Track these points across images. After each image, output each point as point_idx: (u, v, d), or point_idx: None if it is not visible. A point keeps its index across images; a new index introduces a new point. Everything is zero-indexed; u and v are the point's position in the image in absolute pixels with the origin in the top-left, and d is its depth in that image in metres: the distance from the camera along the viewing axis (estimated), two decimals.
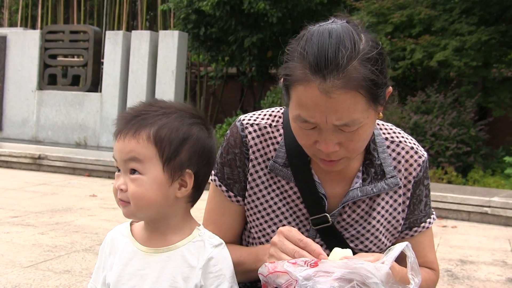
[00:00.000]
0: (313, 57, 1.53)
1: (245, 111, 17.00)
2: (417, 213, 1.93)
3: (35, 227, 5.69)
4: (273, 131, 1.90)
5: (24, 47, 16.33)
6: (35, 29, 20.31)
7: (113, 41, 15.39)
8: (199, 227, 1.62)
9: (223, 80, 19.31)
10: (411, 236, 1.94)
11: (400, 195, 1.88)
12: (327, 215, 1.83)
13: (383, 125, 1.95)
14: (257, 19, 15.24)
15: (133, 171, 1.51)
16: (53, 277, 4.00)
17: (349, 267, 1.48)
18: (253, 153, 1.90)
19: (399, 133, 1.94)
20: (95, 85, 15.90)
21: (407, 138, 1.93)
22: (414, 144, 1.92)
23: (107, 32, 16.06)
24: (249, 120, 1.93)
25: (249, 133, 1.90)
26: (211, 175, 1.94)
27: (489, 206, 7.85)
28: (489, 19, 13.30)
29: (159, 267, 1.56)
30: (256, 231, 1.93)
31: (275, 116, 1.93)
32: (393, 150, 1.88)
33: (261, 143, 1.90)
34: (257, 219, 1.92)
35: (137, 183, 1.51)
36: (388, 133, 1.92)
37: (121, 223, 1.72)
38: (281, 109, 1.95)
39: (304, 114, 1.59)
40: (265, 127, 1.91)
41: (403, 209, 1.90)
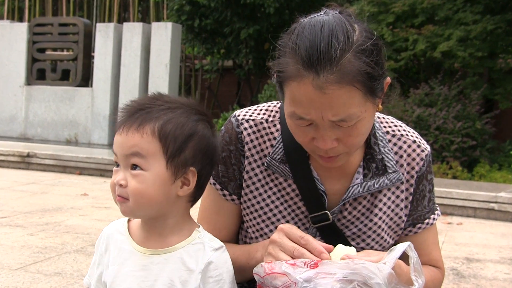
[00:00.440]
0: (305, 51, 1.52)
1: (241, 106, 17.01)
2: (420, 209, 1.92)
3: (24, 227, 5.68)
4: (269, 127, 1.89)
5: (11, 40, 16.29)
6: (22, 21, 20.26)
7: (104, 34, 15.36)
8: (198, 228, 1.61)
9: (219, 73, 19.31)
10: (414, 233, 1.94)
11: (403, 191, 1.88)
12: (327, 212, 1.83)
13: (383, 118, 1.94)
14: (254, 9, 15.25)
15: (134, 167, 1.49)
16: (43, 279, 3.99)
17: (350, 267, 1.47)
18: (249, 150, 1.89)
19: (400, 126, 1.93)
20: (85, 80, 15.87)
21: (409, 132, 1.93)
22: (416, 137, 1.92)
23: (97, 24, 16.04)
24: (245, 115, 1.92)
25: (245, 129, 1.89)
26: None
27: (495, 202, 7.85)
28: (495, 7, 13.29)
29: (156, 269, 1.55)
30: (253, 231, 1.93)
31: (271, 111, 1.93)
32: (394, 144, 1.88)
33: (257, 139, 1.89)
34: (254, 218, 1.91)
35: (138, 179, 1.49)
36: (389, 127, 1.91)
37: (114, 221, 1.71)
38: (277, 103, 1.94)
39: (299, 111, 1.59)
40: (261, 123, 1.90)
41: (406, 205, 1.89)
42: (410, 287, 1.54)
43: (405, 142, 1.89)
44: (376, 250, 1.85)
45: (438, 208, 2.01)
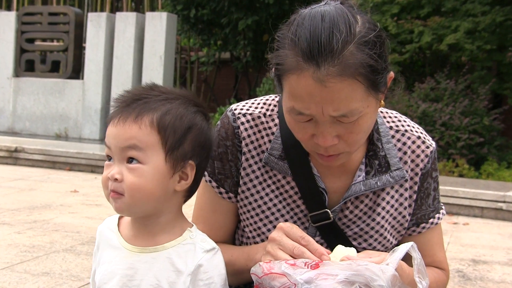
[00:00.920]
0: (305, 43, 1.52)
1: (239, 100, 17.00)
2: (424, 208, 1.92)
3: (11, 225, 5.68)
4: (267, 121, 1.89)
5: None
6: (10, 10, 20.22)
7: (95, 24, 15.33)
8: (191, 228, 1.60)
9: (216, 66, 19.29)
10: (418, 233, 1.94)
11: (407, 189, 1.88)
12: (328, 211, 1.83)
13: (387, 113, 1.94)
14: None
15: (131, 160, 1.48)
16: (31, 279, 3.99)
17: (353, 269, 1.47)
18: (246, 145, 1.89)
19: (404, 121, 1.93)
20: (76, 72, 15.85)
21: (413, 127, 1.92)
22: (421, 133, 1.92)
23: (89, 14, 16.01)
24: (242, 109, 1.92)
25: (242, 123, 1.89)
26: None
27: (504, 202, 7.86)
28: None
29: (143, 268, 1.54)
30: (250, 230, 1.93)
31: (269, 104, 1.92)
32: (398, 140, 1.88)
33: (254, 134, 1.89)
34: (251, 217, 1.91)
35: (136, 172, 1.47)
36: (393, 122, 1.91)
37: (105, 219, 1.70)
38: (276, 96, 1.94)
39: (298, 105, 1.58)
40: (259, 117, 1.90)
41: (409, 204, 1.90)
42: None
43: (409, 138, 1.89)
44: (378, 250, 1.85)
45: (443, 207, 2.01)
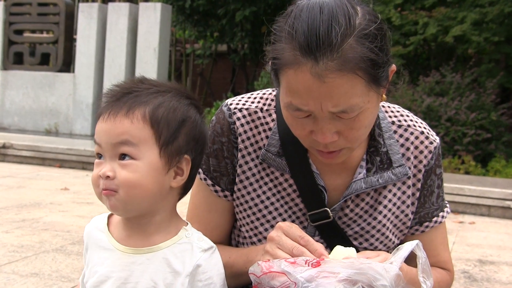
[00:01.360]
0: (303, 36, 1.51)
1: (236, 94, 16.98)
2: (428, 206, 1.92)
3: None
4: (264, 116, 1.89)
5: None
6: None
7: (87, 14, 15.31)
8: (186, 226, 1.60)
9: (212, 58, 19.28)
10: (421, 232, 1.94)
11: (409, 186, 1.88)
12: (328, 209, 1.83)
13: (389, 107, 1.94)
14: None
15: (123, 156, 1.47)
16: (19, 280, 3.99)
17: (355, 267, 1.48)
18: (243, 141, 1.89)
19: (407, 116, 1.93)
20: (67, 65, 15.83)
21: (416, 122, 1.92)
22: (424, 128, 1.92)
23: (80, 4, 16.00)
24: (238, 104, 1.92)
25: (238, 119, 1.89)
26: None
27: None
28: None
29: (138, 270, 1.53)
30: (247, 230, 1.93)
31: (266, 99, 1.92)
32: (400, 136, 1.88)
33: (251, 130, 1.89)
34: (248, 216, 1.91)
35: (130, 168, 1.46)
36: (395, 116, 1.91)
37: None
38: (273, 90, 1.94)
39: (296, 101, 1.58)
40: (255, 112, 1.90)
41: (412, 202, 1.90)
42: None
43: (412, 134, 1.89)
44: (380, 250, 1.85)
45: (448, 205, 2.01)
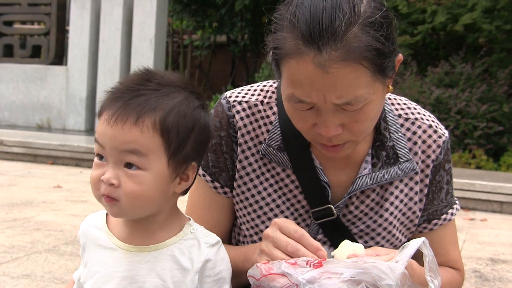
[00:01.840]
0: (305, 25, 1.51)
1: (236, 86, 16.95)
2: (437, 203, 1.92)
3: None
4: (265, 109, 1.89)
5: None
6: None
7: (80, 4, 15.30)
8: (190, 222, 1.60)
9: (211, 50, 19.29)
10: (430, 230, 1.94)
11: (417, 182, 1.88)
12: (331, 206, 1.83)
13: (395, 99, 1.94)
14: None
15: (130, 165, 1.45)
16: (10, 282, 3.99)
17: (359, 266, 1.47)
18: (242, 135, 1.89)
19: (414, 108, 1.93)
20: (59, 57, 15.84)
21: (424, 115, 1.92)
22: (432, 121, 1.91)
23: None
24: (237, 97, 1.92)
25: (237, 112, 1.89)
26: None
27: None
28: None
29: (144, 268, 1.53)
30: (247, 228, 1.93)
31: (267, 91, 1.92)
32: (407, 129, 1.88)
33: (251, 123, 1.89)
34: (248, 213, 1.91)
35: (136, 179, 1.45)
36: (402, 109, 1.91)
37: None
38: (274, 82, 1.94)
39: (298, 93, 1.58)
40: (255, 105, 1.89)
41: (420, 199, 1.90)
42: None
43: (419, 127, 1.88)
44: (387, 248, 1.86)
45: (457, 202, 2.01)
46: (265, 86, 1.94)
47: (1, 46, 16.07)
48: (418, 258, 1.60)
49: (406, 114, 1.90)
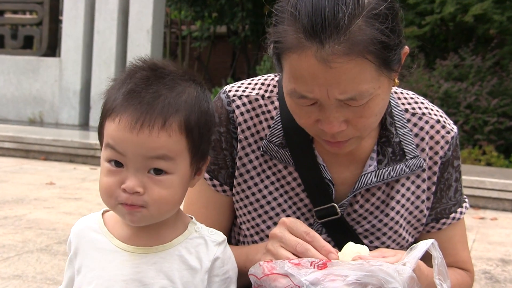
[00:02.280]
0: (307, 18, 1.50)
1: (237, 79, 16.98)
2: (445, 202, 1.92)
3: None
4: (266, 104, 1.89)
5: None
6: None
7: None
8: (193, 220, 1.61)
9: (210, 41, 19.27)
10: (438, 229, 1.94)
11: (424, 180, 1.88)
12: (335, 205, 1.83)
13: (402, 93, 1.93)
14: None
15: (158, 171, 1.44)
16: (0, 283, 4.00)
17: (364, 269, 1.47)
18: (242, 131, 1.88)
19: (422, 103, 1.92)
20: (52, 49, 15.83)
21: (432, 109, 1.92)
22: (440, 116, 1.91)
23: None
24: (237, 91, 1.92)
25: (237, 107, 1.89)
26: None
27: None
28: None
29: (151, 270, 1.52)
30: (248, 227, 1.93)
31: (268, 85, 1.92)
32: (414, 125, 1.87)
33: (252, 119, 1.89)
34: (249, 212, 1.91)
35: (163, 184, 1.44)
36: (409, 104, 1.90)
37: (84, 216, 1.66)
38: (275, 76, 1.94)
39: (300, 88, 1.57)
40: (256, 99, 1.89)
41: (427, 197, 1.90)
42: None
43: (427, 122, 1.88)
44: (393, 249, 1.85)
45: (467, 200, 2.01)
46: (266, 79, 1.93)
47: None
48: (426, 259, 1.60)
49: (413, 108, 1.89)
